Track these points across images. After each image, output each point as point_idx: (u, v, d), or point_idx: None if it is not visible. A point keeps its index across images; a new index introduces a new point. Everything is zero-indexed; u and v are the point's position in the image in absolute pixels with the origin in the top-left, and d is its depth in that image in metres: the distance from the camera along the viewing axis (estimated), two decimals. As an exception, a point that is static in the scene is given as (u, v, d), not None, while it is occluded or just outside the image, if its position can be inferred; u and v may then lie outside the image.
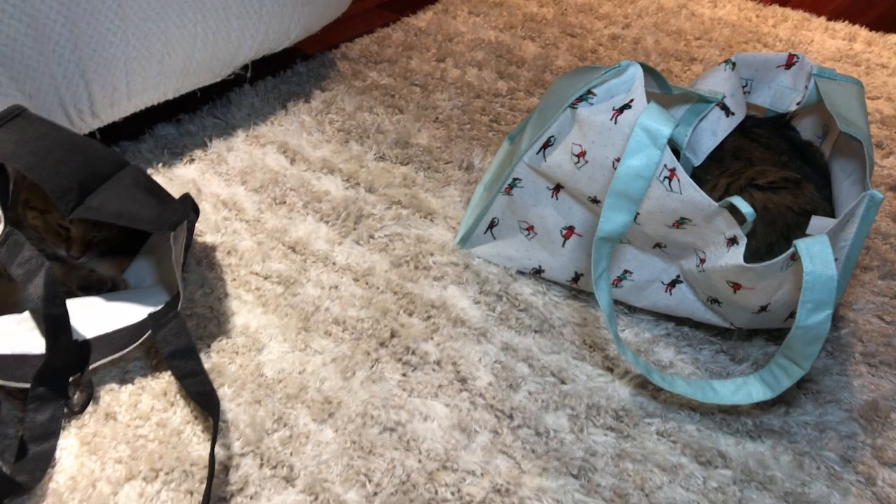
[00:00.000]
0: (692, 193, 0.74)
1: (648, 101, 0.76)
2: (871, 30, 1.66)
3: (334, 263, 0.99)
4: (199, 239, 1.00)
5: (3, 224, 0.78)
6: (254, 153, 1.17)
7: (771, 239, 0.82)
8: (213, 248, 0.99)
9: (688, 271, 0.84)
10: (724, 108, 0.89)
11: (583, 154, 0.81)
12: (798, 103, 0.90)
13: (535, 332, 0.91)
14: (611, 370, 0.87)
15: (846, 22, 1.70)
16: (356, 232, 1.04)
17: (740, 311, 0.81)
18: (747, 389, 0.76)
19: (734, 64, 0.91)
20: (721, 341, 0.91)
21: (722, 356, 0.89)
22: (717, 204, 0.74)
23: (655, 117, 0.73)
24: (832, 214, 0.85)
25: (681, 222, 0.78)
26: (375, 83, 1.38)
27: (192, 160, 1.16)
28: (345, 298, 0.94)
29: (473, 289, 0.96)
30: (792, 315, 0.81)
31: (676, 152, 0.89)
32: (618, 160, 0.77)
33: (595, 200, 0.84)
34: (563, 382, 0.85)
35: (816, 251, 0.67)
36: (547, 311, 0.94)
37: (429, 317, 0.92)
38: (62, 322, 0.75)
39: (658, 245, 0.85)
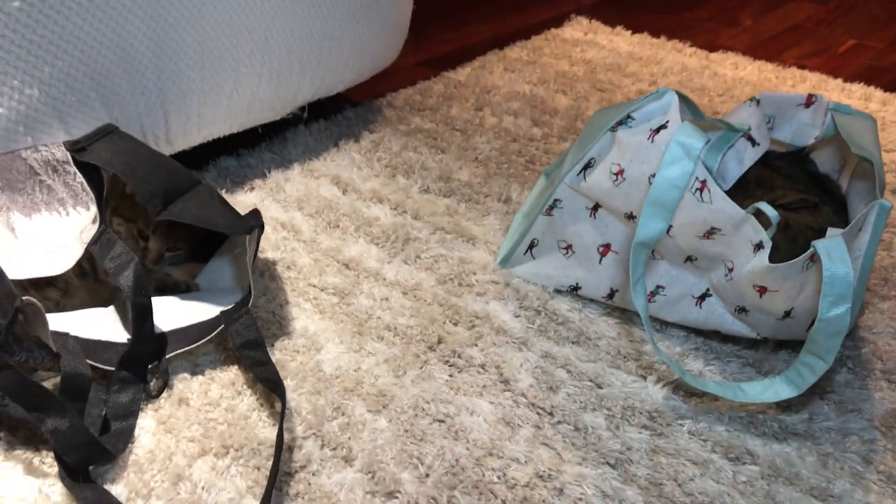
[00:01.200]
0: (722, 203, 0.82)
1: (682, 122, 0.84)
2: (885, 91, 1.75)
3: (384, 279, 1.06)
4: (261, 255, 1.09)
5: (98, 223, 0.87)
6: (309, 184, 1.27)
7: (793, 255, 0.89)
8: (273, 263, 1.08)
9: (717, 283, 0.91)
10: (750, 139, 0.97)
11: (621, 172, 0.89)
12: (816, 137, 0.99)
13: (573, 342, 0.97)
14: (644, 377, 0.93)
15: (862, 84, 1.80)
16: (404, 252, 1.12)
17: (766, 317, 0.88)
18: (774, 389, 0.82)
19: (758, 101, 0.99)
20: (748, 355, 0.96)
21: (748, 368, 0.95)
22: (744, 211, 0.81)
23: (689, 133, 0.81)
24: None
25: (711, 232, 0.85)
26: (419, 127, 1.49)
27: (253, 188, 1.25)
28: (395, 309, 1.01)
29: (514, 304, 1.03)
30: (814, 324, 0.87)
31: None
32: (653, 176, 0.86)
33: (631, 216, 0.92)
34: (599, 387, 0.91)
35: (833, 250, 0.74)
36: (583, 325, 1.00)
37: (473, 326, 0.99)
38: (147, 311, 0.83)
39: (689, 259, 0.92)
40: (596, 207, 0.97)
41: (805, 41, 2.09)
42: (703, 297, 0.95)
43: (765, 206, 0.81)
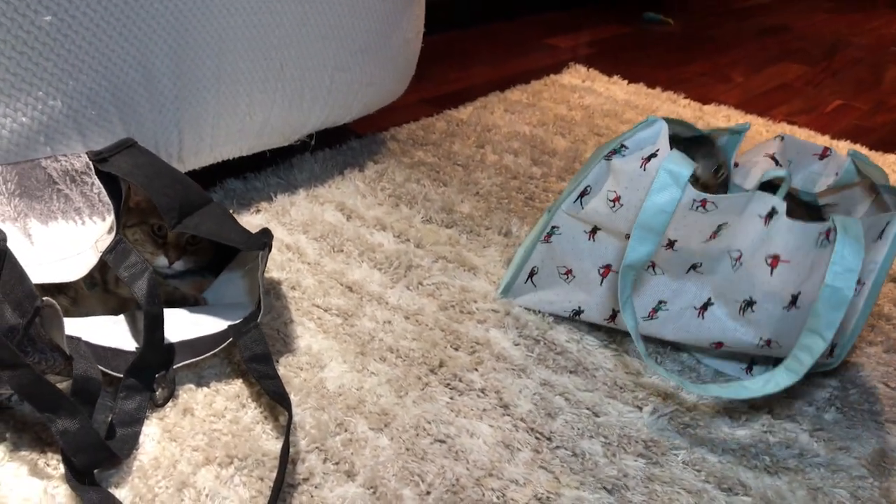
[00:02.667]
0: (726, 201, 0.87)
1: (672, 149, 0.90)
2: (871, 149, 1.81)
3: (387, 303, 1.08)
4: (266, 275, 1.11)
5: (115, 232, 0.88)
6: (314, 209, 1.30)
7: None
8: (278, 283, 1.09)
9: (721, 283, 0.94)
10: (773, 159, 1.03)
11: (618, 199, 0.93)
12: (828, 186, 1.04)
13: (571, 372, 1.00)
14: (640, 408, 0.95)
15: (848, 141, 1.86)
16: (406, 279, 1.14)
17: (772, 307, 0.90)
18: (775, 380, 0.84)
19: (783, 138, 1.05)
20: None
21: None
22: (750, 189, 0.86)
23: (677, 161, 0.85)
24: None
25: (717, 231, 0.89)
26: (422, 161, 1.52)
27: (259, 211, 1.28)
28: (397, 332, 1.03)
29: (513, 332, 1.05)
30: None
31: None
32: None
33: (629, 237, 0.96)
34: (596, 415, 0.93)
35: (850, 226, 0.79)
36: (581, 356, 1.03)
37: (474, 351, 1.01)
38: (159, 320, 0.84)
39: (693, 267, 0.95)
40: (595, 230, 1.00)
41: (794, 99, 2.16)
42: (705, 307, 0.97)
43: (771, 173, 0.85)
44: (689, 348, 1.04)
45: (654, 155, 0.90)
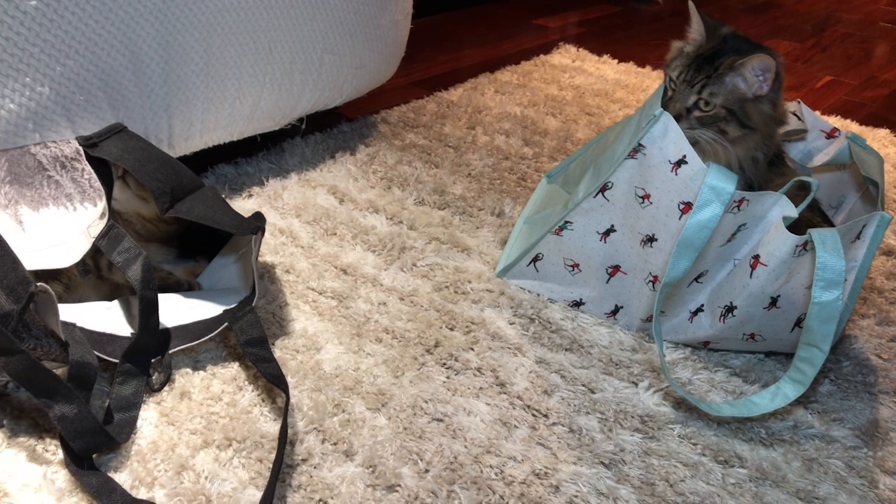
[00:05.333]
0: (756, 203, 0.87)
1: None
2: (861, 125, 1.82)
3: (382, 285, 1.08)
4: (260, 259, 1.11)
5: (107, 217, 0.88)
6: (306, 193, 1.29)
7: None
8: (272, 266, 1.09)
9: (714, 289, 0.95)
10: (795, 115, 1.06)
11: (647, 196, 0.94)
12: (825, 163, 1.04)
13: (566, 350, 1.00)
14: (635, 384, 0.95)
15: (838, 117, 1.86)
16: (400, 260, 1.14)
17: (753, 308, 0.91)
18: (783, 393, 0.85)
19: (798, 102, 1.07)
20: (735, 365, 1.00)
21: (735, 378, 0.98)
22: (778, 193, 0.87)
23: (719, 177, 0.86)
24: None
25: (736, 232, 0.90)
26: (413, 143, 1.52)
27: (251, 195, 1.27)
28: (392, 313, 1.03)
29: (508, 312, 1.06)
30: (799, 324, 0.91)
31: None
32: (683, 203, 0.91)
33: (652, 239, 0.96)
34: (592, 392, 0.94)
35: (828, 239, 0.79)
36: (576, 333, 1.03)
37: (469, 331, 1.01)
38: (154, 305, 0.84)
39: (697, 278, 0.95)
40: (608, 233, 1.00)
41: (784, 75, 2.16)
42: (696, 313, 0.98)
43: (803, 178, 0.87)
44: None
45: (684, 161, 0.90)
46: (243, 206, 1.24)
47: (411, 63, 1.98)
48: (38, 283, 0.74)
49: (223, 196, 1.24)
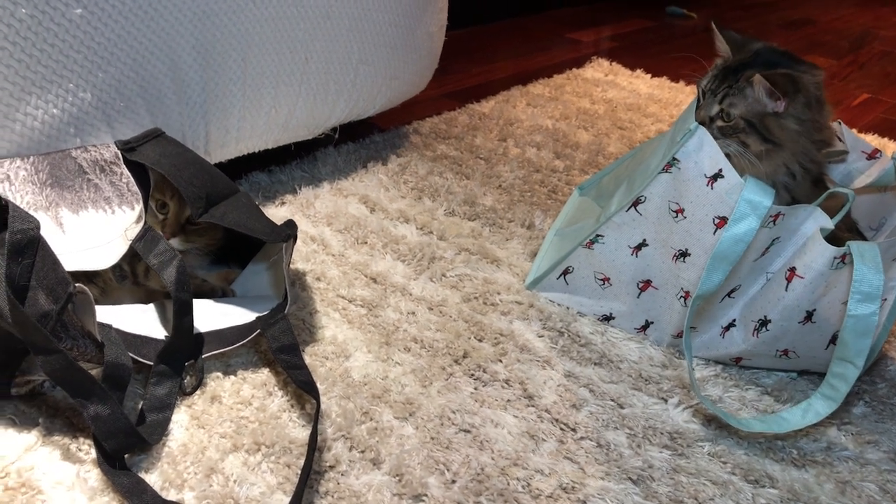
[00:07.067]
0: (791, 217, 0.86)
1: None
2: (898, 143, 1.79)
3: (411, 294, 1.09)
4: (291, 266, 1.11)
5: (143, 221, 0.89)
6: (338, 202, 1.30)
7: None
8: (303, 273, 1.10)
9: (747, 303, 0.94)
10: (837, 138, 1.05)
11: (681, 210, 0.94)
12: (868, 185, 1.03)
13: (595, 364, 0.99)
14: (664, 400, 0.94)
15: (876, 135, 1.84)
16: (430, 270, 1.14)
17: (788, 322, 0.90)
18: (814, 409, 0.84)
19: (839, 123, 1.05)
20: (766, 383, 0.98)
21: (767, 397, 0.96)
22: (812, 205, 0.87)
23: (756, 191, 0.85)
24: None
25: (769, 245, 0.89)
26: (444, 154, 1.52)
27: (283, 203, 1.29)
28: (421, 323, 1.03)
29: (537, 324, 1.05)
30: (834, 341, 0.89)
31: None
32: (718, 217, 0.91)
33: (684, 254, 0.95)
34: (621, 407, 0.93)
35: (867, 252, 0.78)
36: (605, 348, 1.02)
37: (497, 343, 1.01)
38: (188, 307, 0.85)
39: (729, 293, 0.94)
40: (639, 247, 1.00)
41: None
42: (728, 328, 0.97)
43: (839, 189, 0.85)
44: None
45: (720, 175, 0.90)
46: (276, 213, 1.25)
47: (444, 75, 1.99)
48: (77, 284, 0.75)
49: (257, 203, 1.26)
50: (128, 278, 0.97)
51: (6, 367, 0.79)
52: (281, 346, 0.88)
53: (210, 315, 0.93)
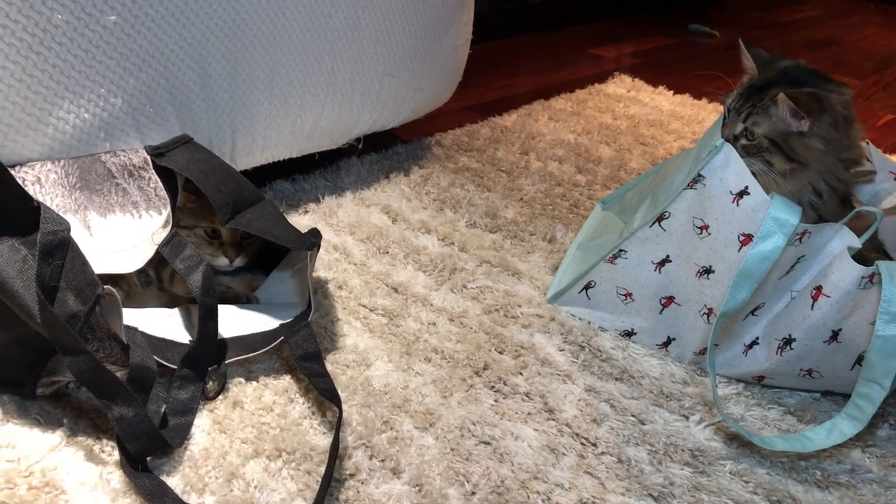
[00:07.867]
0: (817, 236, 0.86)
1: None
2: (923, 164, 1.78)
3: (432, 305, 1.09)
4: (314, 274, 1.12)
5: (170, 226, 0.90)
6: (360, 211, 1.31)
7: None
8: (326, 282, 1.11)
9: (771, 321, 0.94)
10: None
11: (706, 227, 0.93)
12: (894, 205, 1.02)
13: (616, 379, 0.99)
14: (686, 417, 0.94)
15: (900, 156, 1.82)
16: (451, 281, 1.14)
17: (813, 341, 0.89)
18: (839, 429, 0.83)
19: (867, 143, 1.05)
20: (788, 403, 0.97)
21: (789, 416, 0.96)
22: (839, 224, 0.86)
23: (783, 209, 0.85)
24: None
25: (794, 264, 0.89)
26: (466, 166, 1.53)
27: (307, 212, 1.29)
28: (442, 333, 1.03)
29: (558, 338, 1.05)
30: (860, 362, 0.88)
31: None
32: (743, 234, 0.90)
33: (707, 271, 0.95)
34: (642, 423, 0.92)
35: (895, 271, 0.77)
36: (627, 363, 1.02)
37: (518, 356, 1.01)
38: (213, 312, 0.86)
39: (753, 311, 0.94)
40: (663, 263, 1.00)
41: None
42: (751, 346, 0.97)
43: (866, 209, 0.85)
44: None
45: (746, 192, 0.90)
46: (299, 221, 1.26)
47: (467, 88, 2.00)
48: (105, 286, 0.76)
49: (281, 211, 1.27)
50: (153, 284, 0.98)
51: (34, 367, 0.80)
52: (304, 354, 0.88)
53: (234, 321, 0.94)
